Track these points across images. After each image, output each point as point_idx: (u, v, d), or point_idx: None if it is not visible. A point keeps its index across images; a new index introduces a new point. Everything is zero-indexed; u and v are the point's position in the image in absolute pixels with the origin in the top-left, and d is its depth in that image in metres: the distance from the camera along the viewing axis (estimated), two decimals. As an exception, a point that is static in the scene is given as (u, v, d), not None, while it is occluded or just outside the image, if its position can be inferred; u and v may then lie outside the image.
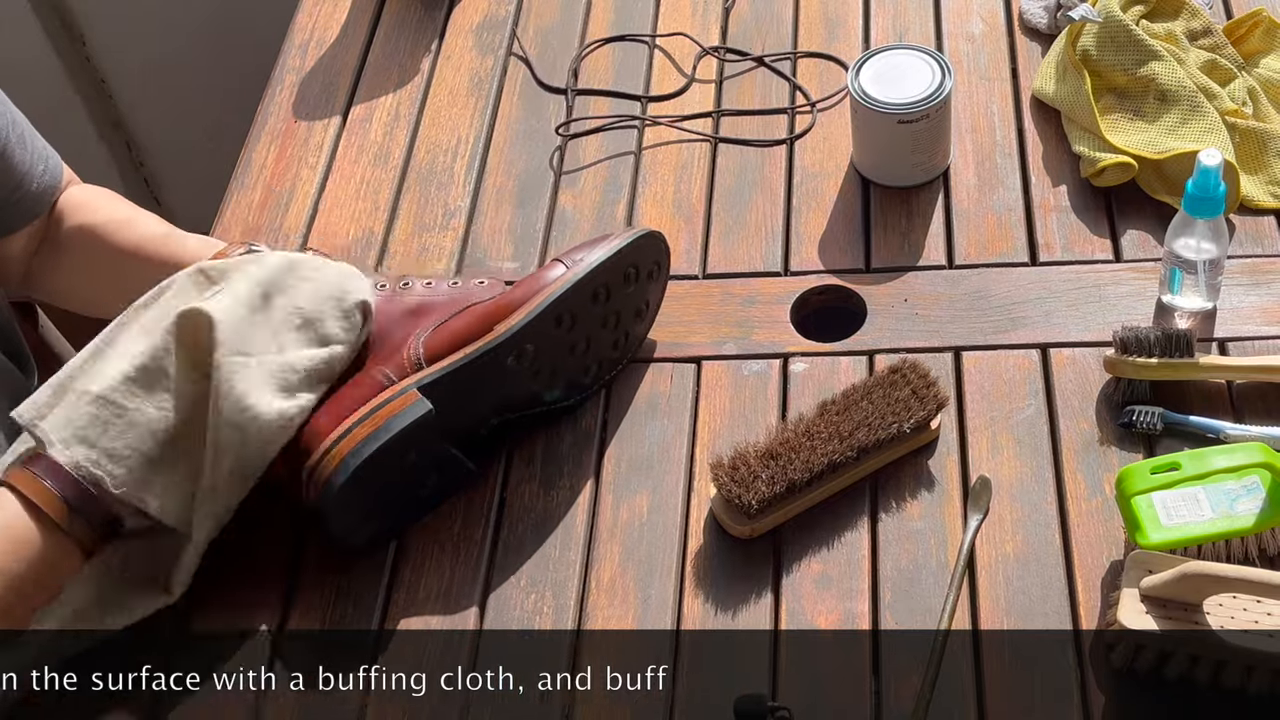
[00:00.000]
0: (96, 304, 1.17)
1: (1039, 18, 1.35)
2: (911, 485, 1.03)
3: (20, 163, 1.10)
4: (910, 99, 1.18)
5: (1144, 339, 1.04)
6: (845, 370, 1.11)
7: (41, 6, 1.91)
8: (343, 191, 1.32)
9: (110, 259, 1.12)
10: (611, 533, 1.03)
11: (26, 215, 1.12)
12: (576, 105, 1.37)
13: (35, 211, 1.12)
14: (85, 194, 1.16)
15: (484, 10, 1.48)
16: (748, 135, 1.32)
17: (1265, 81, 1.27)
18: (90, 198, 1.16)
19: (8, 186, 1.09)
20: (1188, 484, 0.94)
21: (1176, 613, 0.89)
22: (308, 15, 1.51)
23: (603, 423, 1.10)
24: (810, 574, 0.99)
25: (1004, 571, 0.98)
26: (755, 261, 1.20)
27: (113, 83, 2.03)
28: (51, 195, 1.13)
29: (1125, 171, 1.19)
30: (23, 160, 1.10)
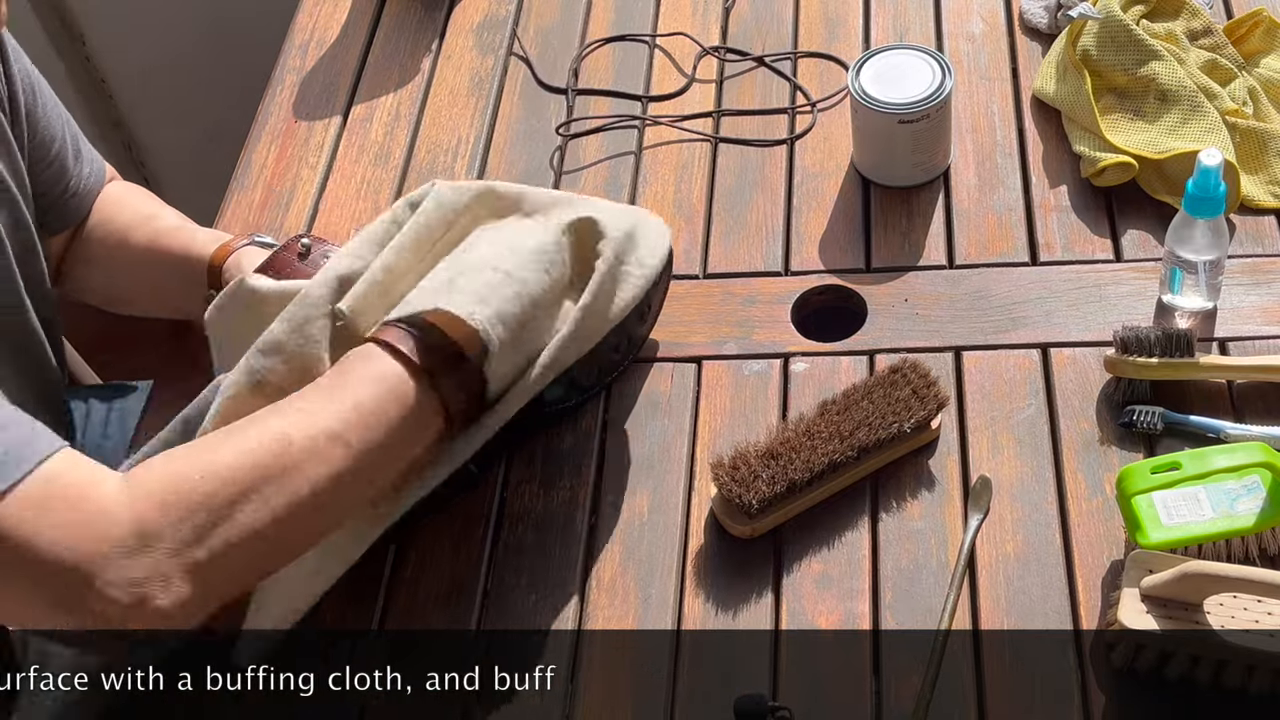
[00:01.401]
0: (119, 299, 1.19)
1: (1039, 18, 1.35)
2: (912, 485, 1.03)
3: (73, 167, 1.13)
4: (910, 99, 1.18)
5: (1144, 339, 1.04)
6: (846, 370, 1.11)
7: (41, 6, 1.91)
8: (343, 191, 1.32)
9: (131, 255, 1.14)
10: (611, 533, 1.03)
11: (73, 216, 1.15)
12: (577, 105, 1.37)
13: (80, 213, 1.15)
14: (117, 191, 1.19)
15: (484, 10, 1.48)
16: (748, 135, 1.32)
17: (1265, 81, 1.27)
18: (120, 195, 1.18)
19: (59, 188, 1.12)
20: (1188, 484, 0.94)
21: (1177, 612, 0.89)
22: (308, 15, 1.51)
23: (603, 423, 1.10)
24: (810, 574, 0.99)
25: (1004, 571, 0.97)
26: (756, 261, 1.20)
27: (113, 83, 2.03)
28: (94, 197, 1.16)
29: (1125, 171, 1.19)
30: (76, 165, 1.13)
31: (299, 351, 0.95)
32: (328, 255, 1.06)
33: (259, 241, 1.12)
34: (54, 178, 1.11)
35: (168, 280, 1.12)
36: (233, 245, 1.11)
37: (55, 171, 1.11)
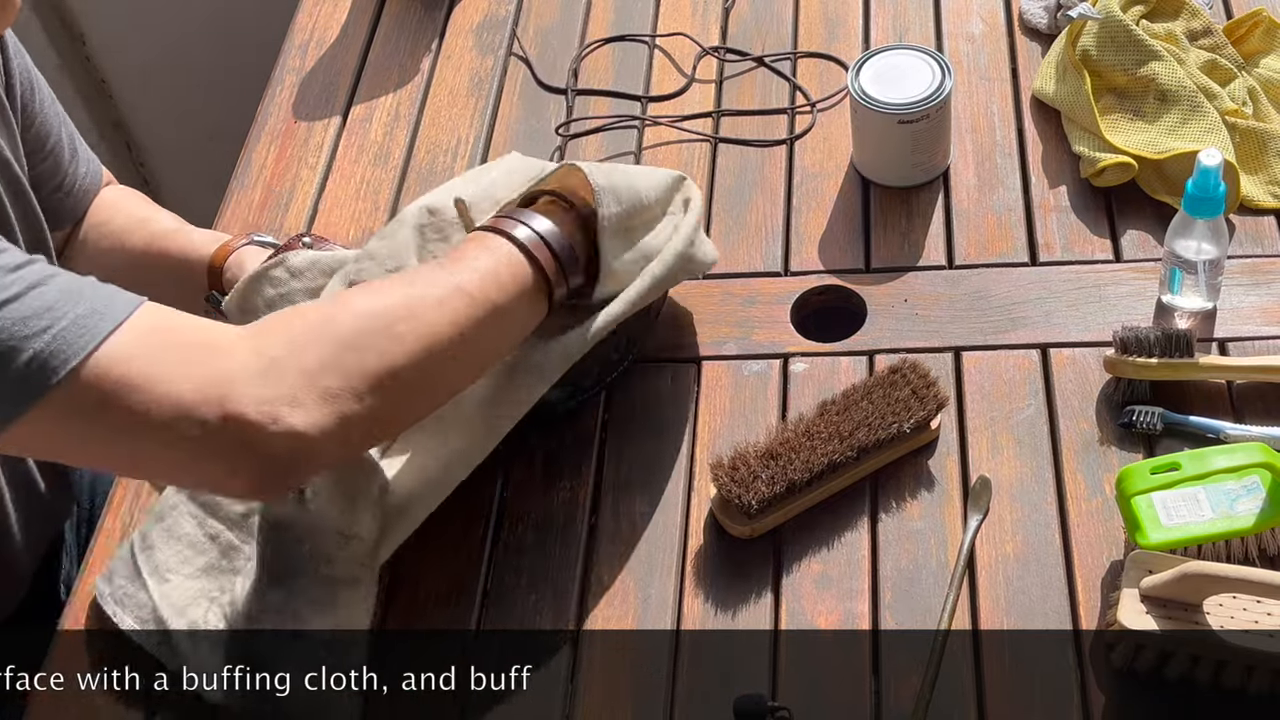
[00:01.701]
0: None
1: (1039, 18, 1.35)
2: (911, 485, 1.03)
3: (68, 164, 1.13)
4: (910, 99, 1.18)
5: (1144, 339, 1.04)
6: (845, 370, 1.11)
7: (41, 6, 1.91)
8: (343, 191, 1.32)
9: (127, 257, 1.14)
10: (611, 533, 1.03)
11: (69, 216, 1.15)
12: (576, 105, 1.37)
13: (76, 213, 1.15)
14: (113, 195, 1.19)
15: (484, 10, 1.48)
16: (748, 135, 1.32)
17: (1265, 81, 1.27)
18: (116, 199, 1.18)
19: (54, 182, 1.12)
20: (1188, 484, 0.94)
21: (1176, 613, 0.89)
22: (308, 15, 1.51)
23: (603, 423, 1.10)
24: (810, 574, 0.99)
25: (1004, 571, 0.98)
26: (755, 261, 1.20)
27: (113, 83, 2.03)
28: (91, 199, 1.16)
29: (1125, 171, 1.19)
30: (72, 163, 1.13)
31: (393, 252, 1.00)
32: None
33: (258, 241, 1.12)
34: (49, 171, 1.11)
35: (165, 281, 1.12)
36: (233, 245, 1.11)
37: (50, 166, 1.11)
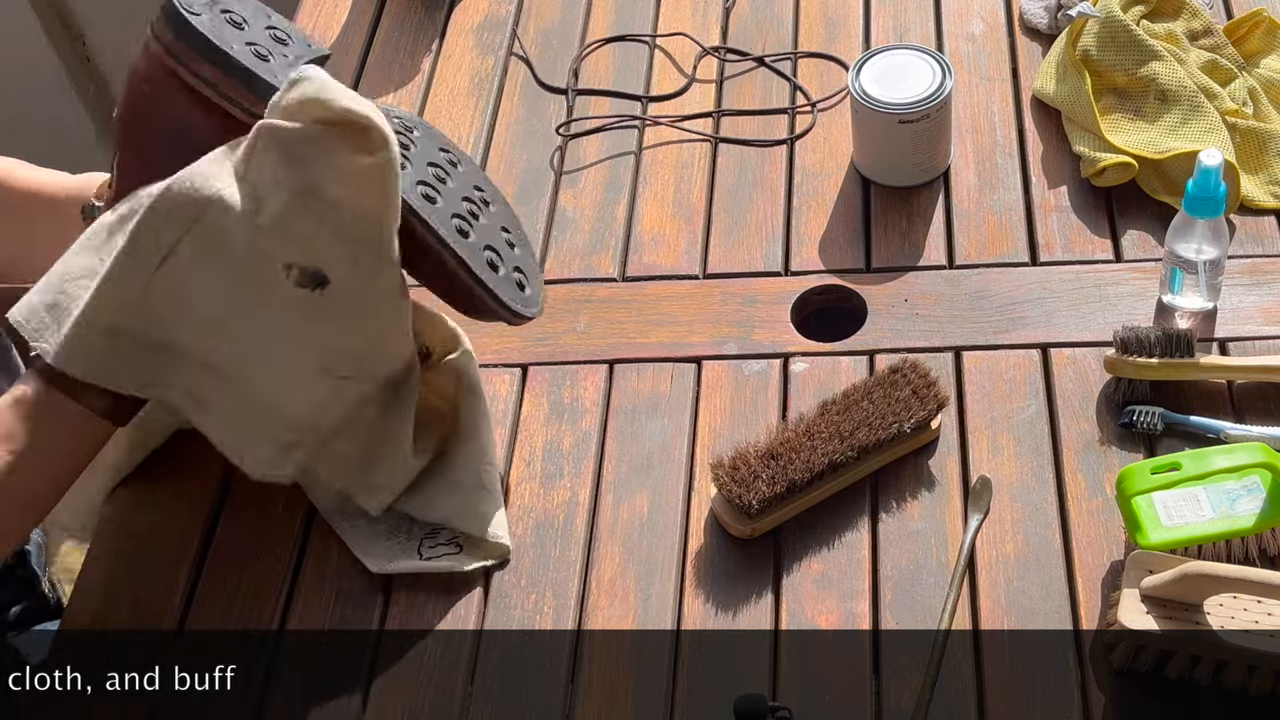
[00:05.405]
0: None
1: (1039, 18, 1.35)
2: (912, 485, 1.03)
3: None
4: (910, 99, 1.18)
5: (1144, 339, 1.04)
6: (846, 370, 1.11)
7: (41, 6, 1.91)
8: (343, 191, 1.32)
9: None
10: (611, 533, 1.03)
11: None
12: (577, 105, 1.37)
13: None
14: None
15: (484, 10, 1.48)
16: (748, 135, 1.32)
17: (1265, 81, 1.27)
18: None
19: None
20: (1188, 484, 0.94)
21: (1177, 613, 0.89)
22: (308, 15, 1.51)
23: (603, 423, 1.10)
24: (810, 574, 0.99)
25: (1004, 571, 0.97)
26: (755, 261, 1.20)
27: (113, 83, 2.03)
28: None
29: (1125, 171, 1.19)
30: None
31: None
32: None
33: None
34: None
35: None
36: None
37: None
